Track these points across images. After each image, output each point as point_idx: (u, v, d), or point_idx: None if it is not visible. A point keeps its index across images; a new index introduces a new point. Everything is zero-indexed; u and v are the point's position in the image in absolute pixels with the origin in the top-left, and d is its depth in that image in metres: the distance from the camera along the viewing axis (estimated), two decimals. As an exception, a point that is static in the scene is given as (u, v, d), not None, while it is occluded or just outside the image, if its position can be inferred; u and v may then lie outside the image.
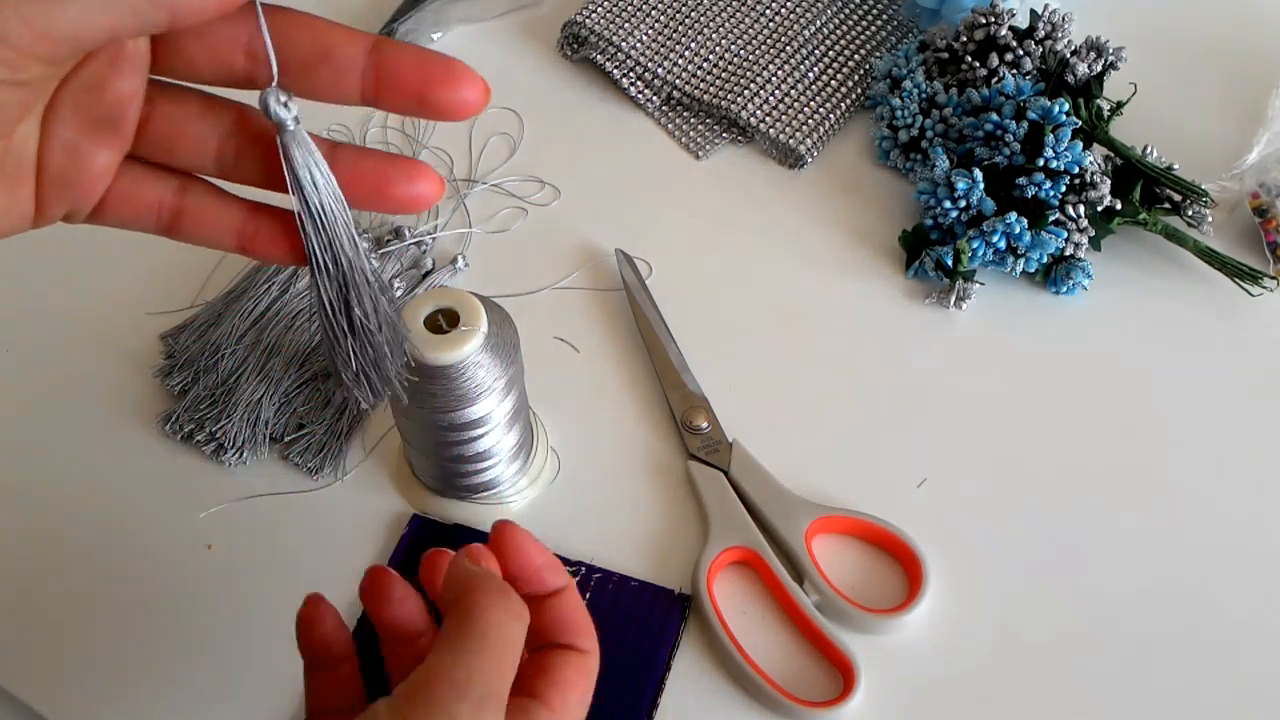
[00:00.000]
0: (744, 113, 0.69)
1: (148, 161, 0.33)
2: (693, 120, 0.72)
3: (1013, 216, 0.59)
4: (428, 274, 0.63)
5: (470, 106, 0.31)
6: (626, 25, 0.73)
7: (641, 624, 0.52)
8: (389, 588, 0.39)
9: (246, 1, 0.29)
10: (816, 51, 0.72)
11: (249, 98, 0.33)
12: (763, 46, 0.73)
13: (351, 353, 0.35)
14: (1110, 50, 0.65)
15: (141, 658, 0.52)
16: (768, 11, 0.74)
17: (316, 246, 0.33)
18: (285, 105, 0.31)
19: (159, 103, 0.32)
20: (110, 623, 0.53)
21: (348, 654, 0.40)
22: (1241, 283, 0.61)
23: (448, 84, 0.31)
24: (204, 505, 0.56)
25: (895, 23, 0.75)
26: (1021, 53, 0.65)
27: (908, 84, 0.67)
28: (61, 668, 0.52)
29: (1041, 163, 0.60)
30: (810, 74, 0.71)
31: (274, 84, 0.31)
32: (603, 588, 0.52)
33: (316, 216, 0.32)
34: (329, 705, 0.40)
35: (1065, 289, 0.62)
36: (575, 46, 0.74)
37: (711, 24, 0.74)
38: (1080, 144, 0.60)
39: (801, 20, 0.74)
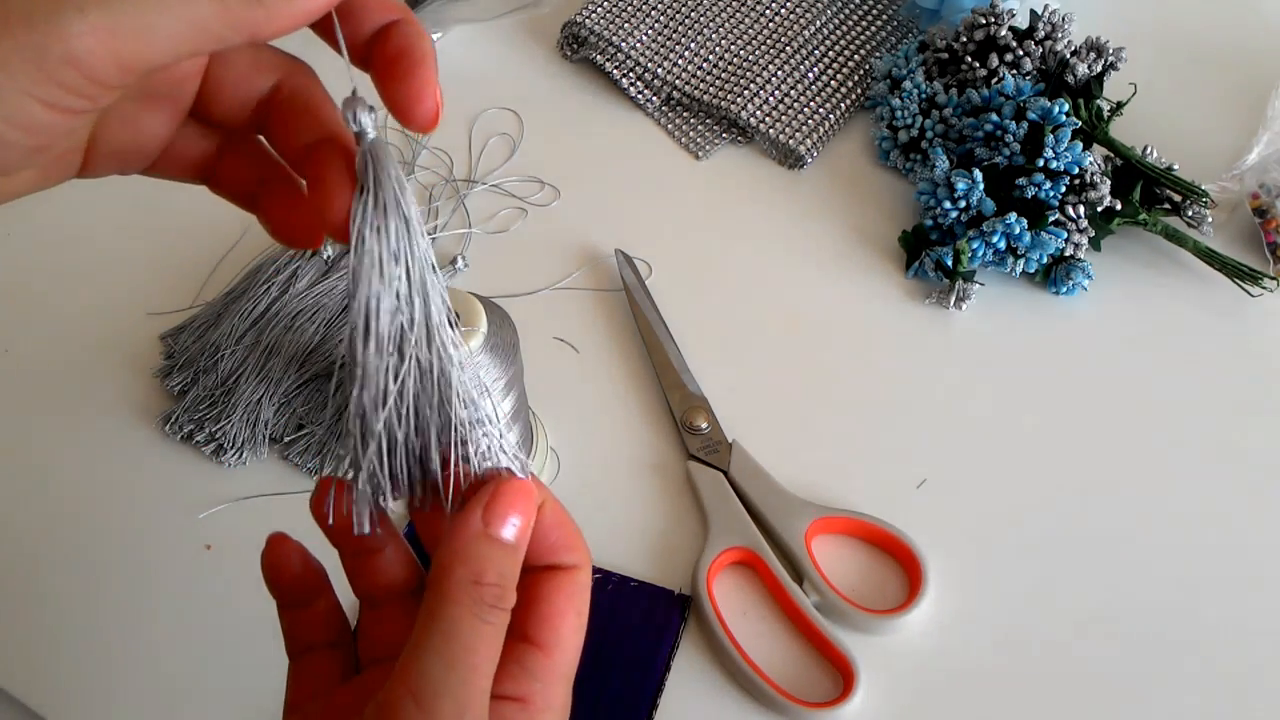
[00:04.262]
0: (744, 113, 0.69)
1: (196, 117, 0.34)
2: (693, 120, 0.72)
3: (1013, 217, 0.59)
4: (428, 274, 0.63)
5: (419, 118, 0.31)
6: (626, 25, 0.73)
7: (641, 624, 0.52)
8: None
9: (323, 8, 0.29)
10: (816, 51, 0.72)
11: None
12: (763, 46, 0.73)
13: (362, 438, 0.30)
14: (1110, 50, 0.65)
15: (141, 658, 0.52)
16: (768, 11, 0.74)
17: (368, 269, 0.29)
18: (371, 113, 0.30)
19: (212, 64, 0.33)
20: (110, 623, 0.53)
21: (321, 589, 0.37)
22: (1241, 283, 0.61)
23: (411, 91, 0.31)
24: (204, 505, 0.56)
25: (895, 23, 0.75)
26: (1021, 53, 0.65)
27: (908, 84, 0.67)
28: (61, 668, 0.52)
29: (1041, 163, 0.60)
30: (810, 74, 0.71)
31: (354, 93, 0.30)
32: (602, 588, 0.52)
33: (376, 231, 0.29)
34: (312, 640, 0.37)
35: (1065, 289, 0.62)
36: (575, 46, 0.74)
37: (711, 24, 0.74)
38: (1080, 144, 0.60)
39: (801, 20, 0.74)
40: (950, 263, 0.61)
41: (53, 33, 0.26)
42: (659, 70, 0.72)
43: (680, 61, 0.72)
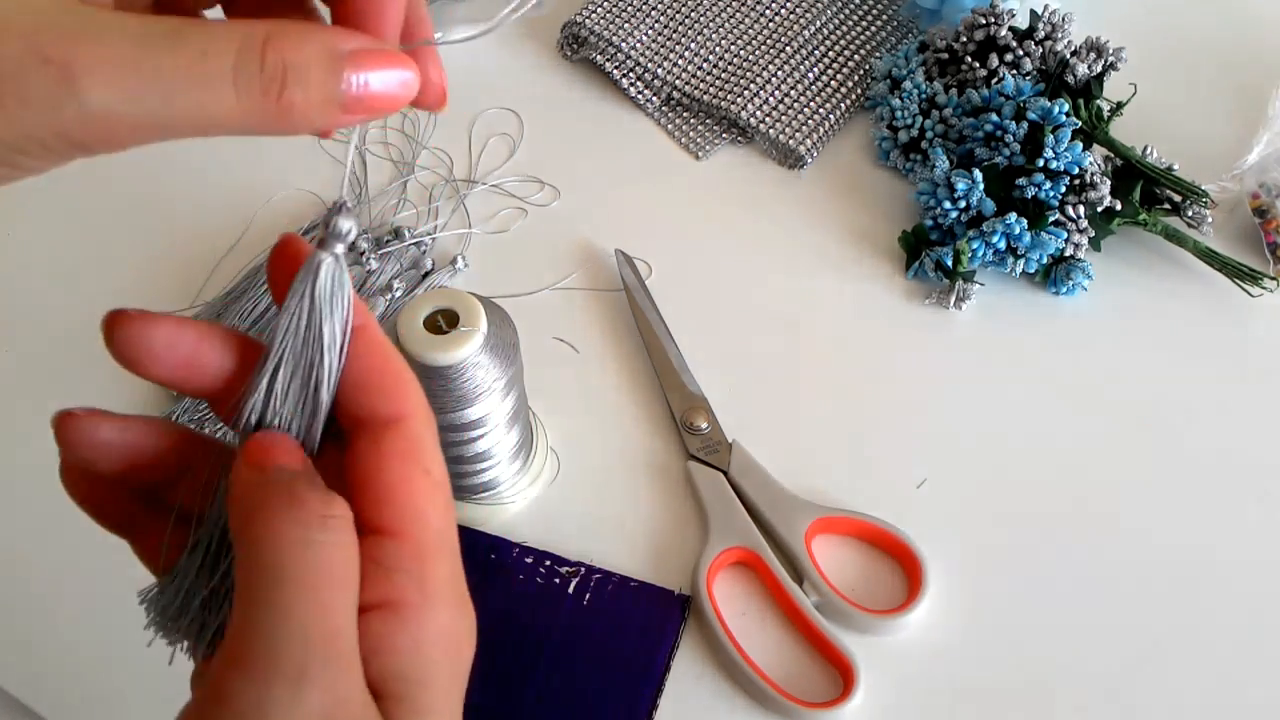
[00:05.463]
0: (744, 113, 0.69)
1: None
2: (693, 120, 0.72)
3: (1012, 217, 0.59)
4: (427, 274, 0.63)
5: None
6: (626, 25, 0.73)
7: (641, 624, 0.52)
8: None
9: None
10: (816, 52, 0.72)
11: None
12: (763, 46, 0.73)
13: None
14: (1110, 50, 0.65)
15: (141, 658, 0.52)
16: (768, 12, 0.74)
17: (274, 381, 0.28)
18: (348, 232, 0.28)
19: None
20: (110, 623, 0.53)
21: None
22: (1241, 283, 0.61)
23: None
24: (204, 505, 0.56)
25: (895, 23, 0.75)
26: (1021, 53, 0.65)
27: (908, 84, 0.67)
28: (61, 668, 0.52)
29: (1041, 163, 0.60)
30: (810, 74, 0.71)
31: (344, 200, 0.28)
32: (603, 588, 0.52)
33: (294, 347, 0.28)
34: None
35: (1065, 289, 0.62)
36: (575, 47, 0.74)
37: (711, 24, 0.74)
38: (1080, 144, 0.60)
39: (801, 20, 0.74)
40: (950, 263, 0.61)
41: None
42: (659, 70, 0.72)
43: (680, 61, 0.72)
